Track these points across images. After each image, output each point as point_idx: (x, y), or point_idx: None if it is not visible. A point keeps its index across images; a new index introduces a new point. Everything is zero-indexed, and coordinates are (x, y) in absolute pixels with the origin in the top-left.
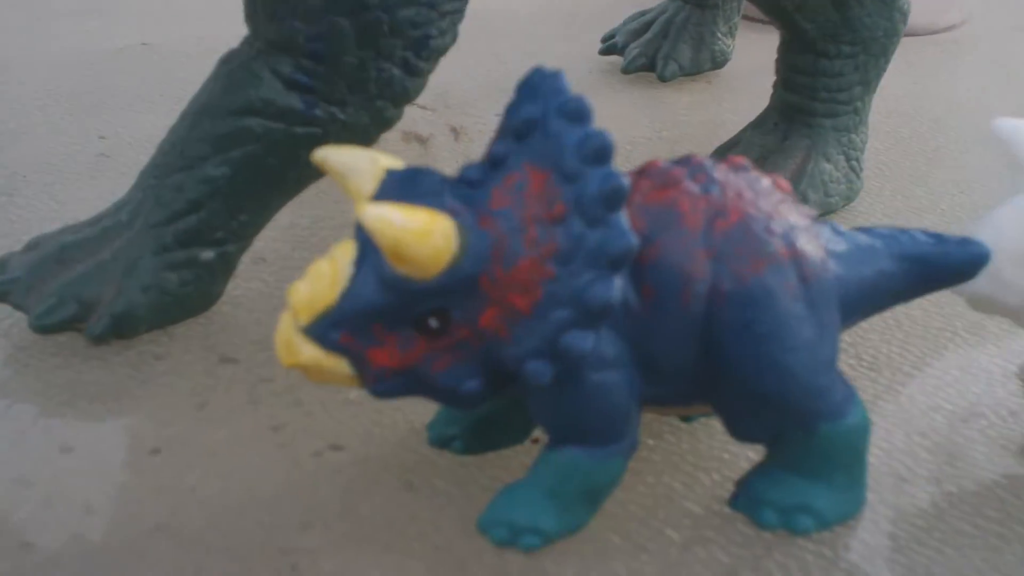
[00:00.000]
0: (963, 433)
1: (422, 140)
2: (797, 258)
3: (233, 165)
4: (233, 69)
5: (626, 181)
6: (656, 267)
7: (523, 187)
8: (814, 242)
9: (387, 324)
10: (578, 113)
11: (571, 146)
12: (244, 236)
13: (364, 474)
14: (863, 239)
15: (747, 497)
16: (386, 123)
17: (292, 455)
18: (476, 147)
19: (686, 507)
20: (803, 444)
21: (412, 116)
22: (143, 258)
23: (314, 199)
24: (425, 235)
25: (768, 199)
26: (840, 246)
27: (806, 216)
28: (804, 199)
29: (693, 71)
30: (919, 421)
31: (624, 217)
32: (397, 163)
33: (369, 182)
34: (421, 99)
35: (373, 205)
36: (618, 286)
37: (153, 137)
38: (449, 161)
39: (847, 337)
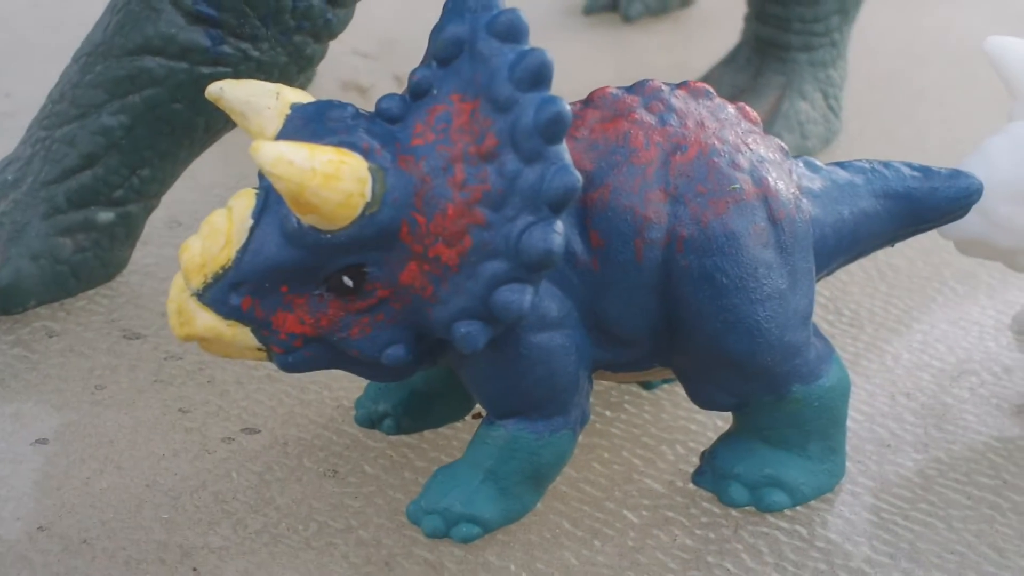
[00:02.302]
0: (952, 393)
1: (363, 90)
2: (766, 196)
3: (131, 113)
4: (129, 0)
5: (567, 107)
6: (605, 211)
7: (449, 120)
8: (786, 178)
9: (295, 285)
10: (511, 30)
11: (502, 69)
12: (148, 194)
13: (282, 460)
14: (842, 175)
15: (712, 471)
16: (307, 61)
17: (201, 441)
18: None
19: (646, 485)
20: (773, 410)
21: (353, 64)
22: (31, 222)
23: (240, 153)
24: (333, 178)
25: (734, 129)
26: (815, 183)
27: (777, 149)
28: None
29: (659, 10)
30: (904, 381)
31: (566, 150)
32: (304, 97)
33: (272, 120)
34: (363, 45)
35: (270, 144)
36: (560, 231)
37: None
38: None
39: (825, 291)
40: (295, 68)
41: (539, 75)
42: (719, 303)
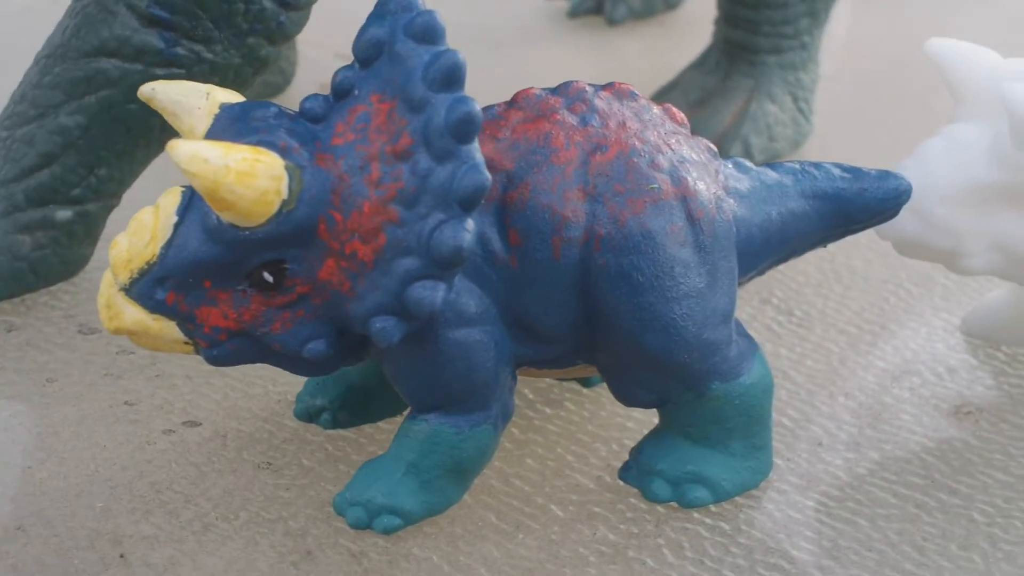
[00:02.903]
0: (893, 393)
1: None
2: (685, 196)
3: (88, 113)
4: (87, 4)
5: (477, 108)
6: (524, 210)
7: (368, 120)
8: (709, 179)
9: (217, 280)
10: (427, 31)
11: (417, 69)
12: (106, 193)
13: (220, 452)
14: (771, 175)
15: (637, 468)
16: (262, 63)
17: (144, 432)
18: None
19: (576, 481)
20: (694, 407)
21: (333, 66)
22: None
23: None
24: (247, 175)
25: (657, 130)
26: (743, 183)
27: (704, 150)
28: (747, 145)
29: (645, 13)
30: (847, 381)
31: (477, 150)
32: (235, 97)
33: (201, 119)
34: (344, 47)
35: (186, 142)
36: (471, 229)
37: None
38: None
39: (777, 291)
40: (250, 70)
41: (451, 76)
42: (635, 301)
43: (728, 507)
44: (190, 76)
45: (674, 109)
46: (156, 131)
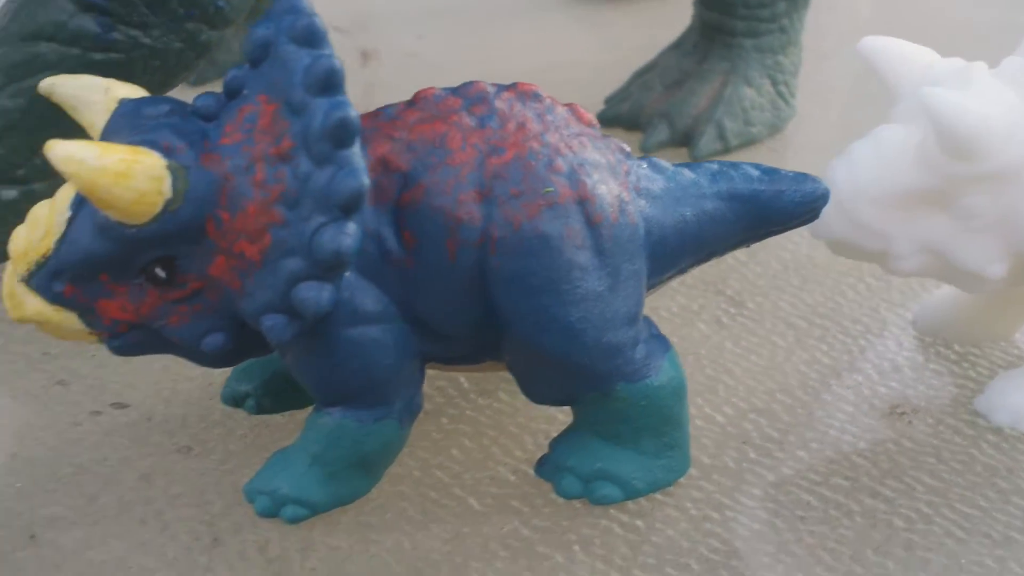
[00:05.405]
0: (833, 390)
1: None
2: (583, 199)
3: (27, 95)
4: None
5: (353, 113)
6: (419, 211)
7: (255, 120)
8: (613, 181)
9: (113, 274)
10: (308, 35)
11: (296, 73)
12: (51, 174)
13: (144, 435)
14: (686, 176)
15: (551, 463)
16: (203, 47)
17: (72, 413)
18: (385, 75)
19: (499, 473)
20: (601, 406)
21: None
22: None
23: None
24: (124, 176)
25: (559, 132)
26: (656, 184)
27: (614, 150)
28: (720, 128)
29: None
30: (789, 377)
31: (357, 154)
32: (135, 92)
33: (100, 114)
34: (336, 19)
35: (61, 143)
36: (352, 233)
37: None
38: (349, 91)
39: (733, 282)
40: (192, 54)
41: (327, 81)
42: (531, 304)
43: (645, 504)
44: (129, 61)
45: (581, 109)
46: None
